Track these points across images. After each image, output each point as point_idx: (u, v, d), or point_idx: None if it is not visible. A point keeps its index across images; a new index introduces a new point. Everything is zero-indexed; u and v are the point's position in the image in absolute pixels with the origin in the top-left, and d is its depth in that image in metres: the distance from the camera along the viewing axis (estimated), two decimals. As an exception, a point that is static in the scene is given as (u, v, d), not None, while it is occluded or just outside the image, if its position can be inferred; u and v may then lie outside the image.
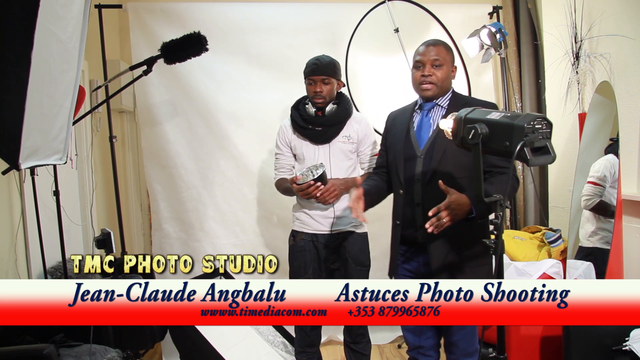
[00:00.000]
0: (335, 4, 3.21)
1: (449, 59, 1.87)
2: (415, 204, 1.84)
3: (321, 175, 2.10)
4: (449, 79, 1.87)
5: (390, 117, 2.04)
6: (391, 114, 2.05)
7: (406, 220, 1.88)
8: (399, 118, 1.98)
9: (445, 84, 1.86)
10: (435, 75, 1.83)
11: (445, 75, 1.85)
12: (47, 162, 1.83)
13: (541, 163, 1.36)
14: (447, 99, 1.88)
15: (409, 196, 1.86)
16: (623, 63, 2.49)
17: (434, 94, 1.85)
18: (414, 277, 1.91)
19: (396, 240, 1.92)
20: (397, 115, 2.01)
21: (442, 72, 1.84)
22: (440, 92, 1.86)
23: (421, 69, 1.85)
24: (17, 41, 1.51)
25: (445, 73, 1.85)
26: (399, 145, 1.91)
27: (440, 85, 1.84)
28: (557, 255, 2.67)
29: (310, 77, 2.23)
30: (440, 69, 1.84)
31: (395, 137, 1.95)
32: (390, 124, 2.02)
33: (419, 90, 1.89)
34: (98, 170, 3.39)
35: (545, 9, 3.18)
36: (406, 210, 1.87)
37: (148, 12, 3.01)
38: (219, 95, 3.08)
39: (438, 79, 1.83)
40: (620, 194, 2.38)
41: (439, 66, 1.83)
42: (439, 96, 1.87)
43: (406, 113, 1.96)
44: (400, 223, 1.90)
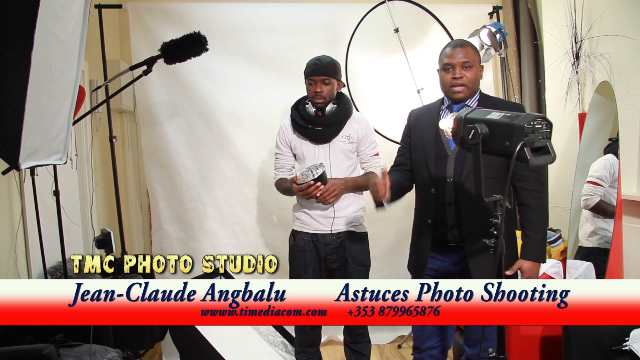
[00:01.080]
0: (335, 4, 3.21)
1: (477, 59, 1.86)
2: (446, 204, 1.85)
3: (321, 175, 2.10)
4: (478, 79, 1.86)
5: (413, 115, 2.02)
6: (414, 112, 2.04)
7: (437, 220, 1.88)
8: (423, 116, 1.96)
9: (475, 85, 1.85)
10: (465, 77, 1.82)
11: (475, 76, 1.84)
12: (47, 162, 1.83)
13: (541, 163, 1.36)
14: (475, 100, 1.88)
15: (440, 195, 1.86)
16: (623, 63, 2.49)
17: (465, 96, 1.84)
18: (438, 276, 1.91)
19: (427, 240, 1.91)
20: (421, 113, 1.99)
21: (472, 73, 1.83)
22: (470, 93, 1.85)
23: (451, 71, 1.83)
24: (17, 41, 1.51)
25: (475, 74, 1.84)
26: (428, 144, 1.89)
27: (471, 87, 1.84)
28: (557, 255, 2.67)
29: (311, 77, 2.23)
30: (470, 70, 1.83)
31: (422, 135, 1.93)
32: (414, 122, 1.99)
33: (450, 93, 1.87)
34: (98, 170, 3.39)
35: (545, 9, 3.17)
36: (437, 210, 1.87)
37: (148, 12, 3.01)
38: (219, 95, 3.08)
39: (469, 80, 1.82)
40: (620, 194, 2.38)
41: (468, 67, 1.82)
42: (468, 98, 1.86)
43: (432, 111, 1.94)
44: (432, 222, 1.89)
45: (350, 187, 2.26)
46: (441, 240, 1.89)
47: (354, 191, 2.30)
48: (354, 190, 2.29)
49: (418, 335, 2.01)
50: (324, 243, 2.28)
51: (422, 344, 1.99)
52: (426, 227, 1.91)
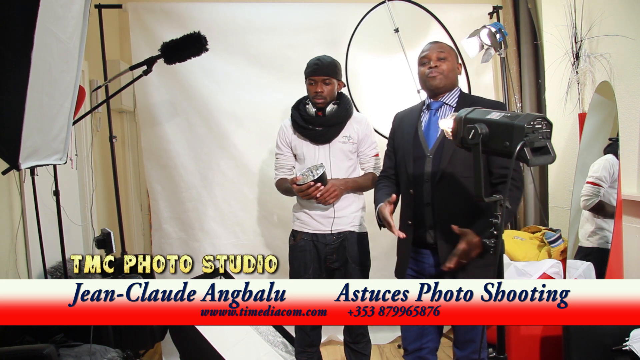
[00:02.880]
0: (335, 4, 3.21)
1: (453, 54, 1.91)
2: (424, 204, 1.84)
3: (321, 176, 2.10)
4: (454, 72, 1.89)
5: (397, 118, 2.03)
6: (398, 115, 2.04)
7: (416, 220, 1.87)
8: (406, 118, 1.98)
9: (451, 76, 1.87)
10: (441, 66, 1.85)
11: (451, 67, 1.86)
12: (47, 162, 1.83)
13: (541, 163, 1.36)
14: (454, 98, 1.88)
15: (418, 196, 1.85)
16: (623, 63, 2.49)
17: (440, 84, 1.85)
18: (421, 277, 1.90)
19: (408, 240, 1.89)
20: (405, 115, 2.00)
21: (448, 64, 1.86)
22: (447, 83, 1.86)
23: (427, 63, 1.87)
24: (17, 41, 1.51)
25: (451, 65, 1.87)
26: (407, 145, 1.90)
27: (446, 75, 1.85)
28: (557, 255, 2.67)
29: (311, 77, 2.23)
30: (446, 61, 1.86)
31: (403, 137, 1.94)
32: (398, 125, 2.00)
33: (425, 82, 1.88)
34: (98, 170, 3.39)
35: (545, 9, 3.18)
36: (416, 210, 1.87)
37: (148, 12, 3.01)
38: (219, 95, 3.08)
39: (444, 69, 1.84)
40: (620, 194, 2.38)
41: (443, 59, 1.86)
42: (446, 90, 1.87)
43: (414, 113, 1.95)
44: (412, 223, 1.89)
45: (350, 188, 2.26)
46: (421, 241, 1.88)
47: (354, 191, 2.30)
48: (354, 190, 2.29)
49: (405, 336, 1.99)
50: (324, 243, 2.28)
51: (409, 345, 1.97)
52: (407, 228, 1.90)
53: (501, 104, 1.93)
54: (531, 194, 3.31)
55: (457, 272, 1.77)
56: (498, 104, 1.88)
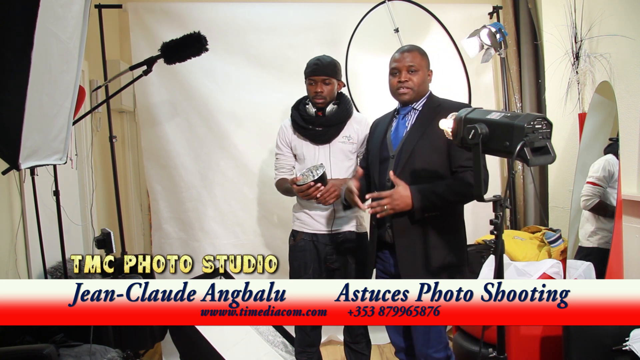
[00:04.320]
0: (335, 4, 3.21)
1: (424, 64, 1.94)
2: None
3: (321, 176, 2.09)
4: (425, 83, 1.94)
5: (374, 124, 2.12)
6: (375, 121, 2.13)
7: (378, 220, 1.92)
8: (380, 124, 2.06)
9: (421, 88, 1.93)
10: (411, 80, 1.90)
11: (421, 80, 1.91)
12: (47, 162, 1.83)
13: (541, 163, 1.36)
14: (421, 103, 1.94)
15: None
16: (623, 63, 2.49)
17: (410, 98, 1.92)
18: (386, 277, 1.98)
19: (372, 241, 1.99)
20: (380, 121, 2.09)
21: (418, 77, 1.91)
22: (416, 96, 1.93)
23: (397, 75, 1.92)
24: (17, 41, 1.51)
25: (421, 78, 1.91)
26: (375, 149, 1.98)
27: (416, 90, 1.91)
28: (557, 255, 2.67)
29: (311, 77, 2.23)
30: (416, 74, 1.91)
31: (374, 141, 2.03)
32: (373, 130, 2.10)
33: (396, 96, 1.96)
34: (98, 170, 3.39)
35: (545, 9, 3.17)
36: None
37: (148, 12, 3.01)
38: (219, 95, 3.08)
39: (414, 84, 1.90)
40: (620, 194, 2.38)
41: (414, 71, 1.90)
42: (415, 100, 1.93)
43: (387, 118, 2.04)
44: (376, 223, 1.95)
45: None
46: (382, 240, 1.94)
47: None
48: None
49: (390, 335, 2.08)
50: (324, 243, 2.28)
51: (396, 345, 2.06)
52: (371, 228, 1.99)
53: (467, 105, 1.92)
54: (531, 194, 3.31)
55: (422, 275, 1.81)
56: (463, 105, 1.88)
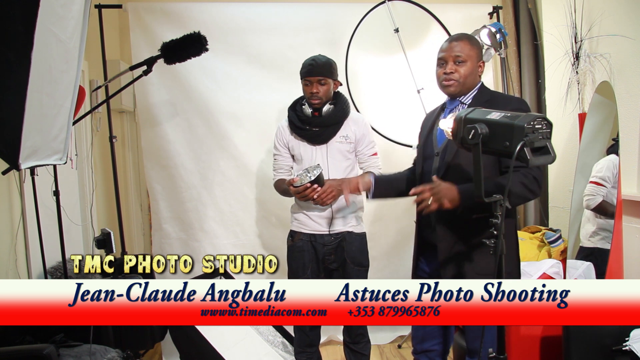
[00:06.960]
0: (335, 4, 3.21)
1: (474, 54, 1.80)
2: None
3: (318, 177, 2.08)
4: (473, 75, 1.80)
5: (424, 119, 2.02)
6: (426, 116, 2.03)
7: (424, 220, 1.86)
8: (428, 118, 1.97)
9: (469, 80, 1.79)
10: (457, 72, 1.77)
11: (468, 72, 1.78)
12: (47, 162, 1.83)
13: (541, 163, 1.36)
14: (470, 97, 1.83)
15: None
16: (623, 63, 2.49)
17: (455, 91, 1.80)
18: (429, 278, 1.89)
19: (416, 241, 1.92)
20: (429, 116, 1.99)
21: (466, 69, 1.77)
22: (463, 89, 1.80)
23: (444, 66, 1.80)
24: (17, 41, 1.51)
25: (469, 69, 1.78)
26: (421, 145, 1.92)
27: (462, 82, 1.78)
28: (557, 255, 2.67)
29: (307, 78, 2.22)
30: (464, 65, 1.77)
31: (421, 137, 1.95)
32: (422, 126, 2.00)
33: (441, 87, 1.84)
34: (98, 170, 3.39)
35: (545, 9, 3.17)
36: None
37: (148, 12, 3.01)
38: (219, 95, 3.08)
39: (460, 75, 1.77)
40: (621, 194, 2.38)
41: (462, 62, 1.77)
42: (462, 93, 1.81)
43: (435, 112, 1.95)
44: (418, 223, 1.89)
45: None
46: (428, 241, 1.87)
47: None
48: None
49: (416, 335, 1.99)
50: (322, 244, 2.27)
51: (420, 345, 1.97)
52: (416, 228, 1.91)
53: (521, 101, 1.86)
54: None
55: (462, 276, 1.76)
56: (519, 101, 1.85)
